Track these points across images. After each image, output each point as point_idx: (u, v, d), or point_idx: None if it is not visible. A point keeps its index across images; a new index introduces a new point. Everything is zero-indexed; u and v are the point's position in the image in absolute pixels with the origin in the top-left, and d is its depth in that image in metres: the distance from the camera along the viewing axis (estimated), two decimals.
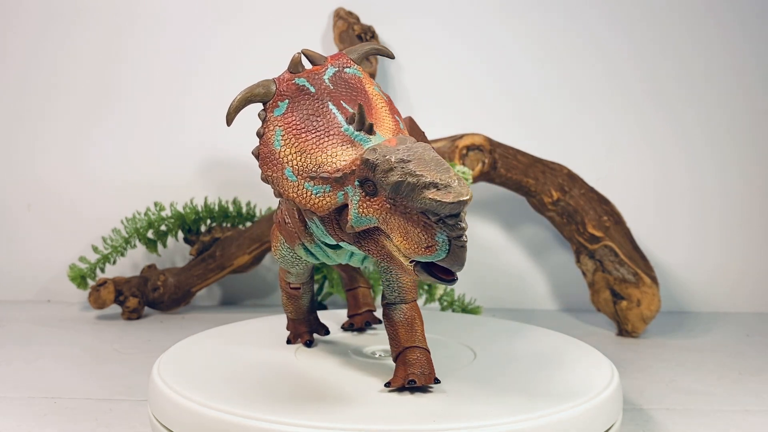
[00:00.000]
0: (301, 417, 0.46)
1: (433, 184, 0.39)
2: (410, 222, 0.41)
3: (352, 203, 0.43)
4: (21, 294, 1.04)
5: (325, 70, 0.50)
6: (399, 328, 0.53)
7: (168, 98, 1.03)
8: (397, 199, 0.41)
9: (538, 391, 0.51)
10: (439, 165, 0.41)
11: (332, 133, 0.46)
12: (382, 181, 0.41)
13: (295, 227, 0.52)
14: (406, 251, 0.41)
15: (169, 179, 1.02)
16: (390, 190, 0.41)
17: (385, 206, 0.42)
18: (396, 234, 0.41)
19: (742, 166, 1.05)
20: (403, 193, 0.40)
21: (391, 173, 0.41)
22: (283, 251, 0.56)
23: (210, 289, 1.05)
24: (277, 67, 1.05)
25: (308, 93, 0.48)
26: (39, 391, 0.66)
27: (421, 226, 0.40)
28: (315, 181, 0.45)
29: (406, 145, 0.42)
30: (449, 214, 0.39)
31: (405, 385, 0.50)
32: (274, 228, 0.57)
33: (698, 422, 0.62)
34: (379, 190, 0.42)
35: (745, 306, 1.05)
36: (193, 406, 0.48)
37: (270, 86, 0.48)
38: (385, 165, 0.41)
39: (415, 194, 0.40)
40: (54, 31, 1.03)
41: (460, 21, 1.04)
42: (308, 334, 0.63)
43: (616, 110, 1.04)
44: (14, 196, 1.04)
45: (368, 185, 0.42)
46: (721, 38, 1.04)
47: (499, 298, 1.04)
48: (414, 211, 0.40)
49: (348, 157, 0.44)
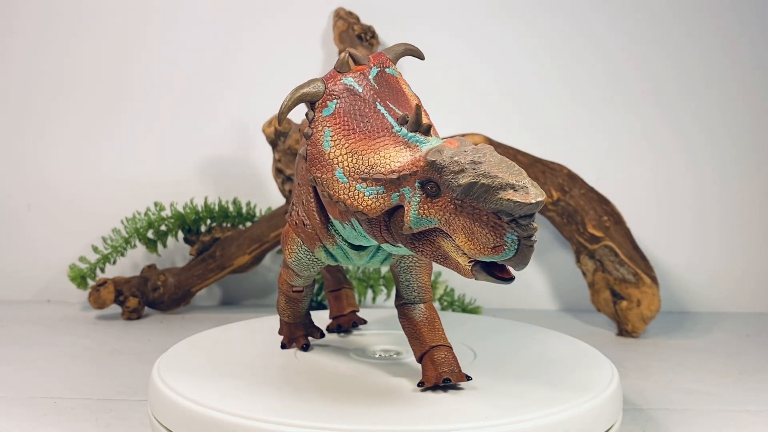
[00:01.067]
0: (302, 417, 0.46)
1: (509, 186, 0.39)
2: (478, 223, 0.40)
3: (410, 205, 0.43)
4: (21, 294, 1.04)
5: (369, 70, 0.49)
6: (422, 327, 0.53)
7: (168, 98, 1.03)
8: (466, 200, 0.41)
9: (538, 391, 0.51)
10: (510, 167, 0.41)
11: (383, 134, 0.46)
12: (451, 182, 0.41)
13: (316, 229, 0.51)
14: (470, 251, 0.41)
15: (169, 179, 1.03)
16: (460, 192, 0.41)
17: (449, 207, 0.41)
18: (460, 235, 0.41)
19: (743, 167, 1.05)
20: (474, 195, 0.40)
21: (462, 175, 0.40)
22: (299, 254, 0.54)
23: (210, 289, 1.05)
24: (277, 67, 1.05)
25: (356, 93, 0.48)
26: (39, 391, 0.66)
27: (490, 226, 0.40)
28: (367, 183, 0.45)
29: (471, 147, 0.42)
30: (524, 215, 0.40)
31: (440, 384, 0.50)
32: (287, 230, 0.55)
33: (698, 422, 0.62)
34: (442, 192, 0.42)
35: (745, 306, 1.05)
36: (193, 406, 0.48)
37: (320, 86, 0.48)
38: (455, 167, 0.41)
39: (490, 195, 0.40)
40: (56, 32, 1.03)
41: (460, 21, 1.04)
42: (304, 337, 0.62)
43: (616, 110, 1.04)
44: (14, 196, 1.04)
45: (430, 186, 0.42)
46: (722, 39, 1.04)
47: (499, 298, 1.03)
48: (483, 212, 0.40)
49: (402, 159, 0.44)
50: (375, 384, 0.53)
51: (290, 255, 0.55)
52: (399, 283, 0.54)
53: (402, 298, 0.55)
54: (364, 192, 0.45)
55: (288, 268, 0.57)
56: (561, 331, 0.70)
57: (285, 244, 0.55)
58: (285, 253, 0.56)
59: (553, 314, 1.02)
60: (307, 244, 0.53)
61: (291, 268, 0.56)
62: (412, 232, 0.43)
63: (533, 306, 1.05)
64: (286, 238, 0.55)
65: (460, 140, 0.43)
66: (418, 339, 0.53)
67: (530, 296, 1.05)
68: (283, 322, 0.62)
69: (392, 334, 0.67)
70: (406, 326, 0.54)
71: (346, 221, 0.48)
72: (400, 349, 0.62)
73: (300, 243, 0.54)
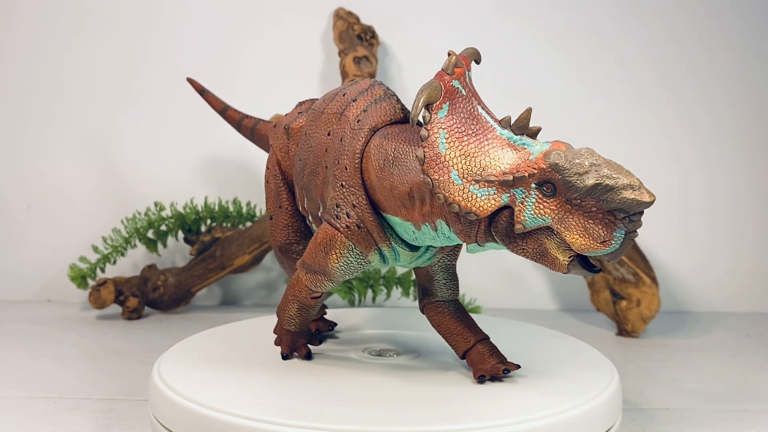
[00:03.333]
0: (302, 418, 0.46)
1: (629, 186, 0.43)
2: (591, 220, 0.44)
3: (524, 205, 0.45)
4: (21, 294, 1.04)
5: (466, 72, 0.50)
6: (462, 322, 0.56)
7: (168, 98, 1.03)
8: (585, 199, 0.44)
9: (538, 391, 0.51)
10: (621, 168, 0.44)
11: (489, 136, 0.48)
12: (575, 183, 0.44)
13: (372, 232, 0.52)
14: (580, 246, 0.44)
15: (169, 179, 1.03)
16: (584, 192, 0.44)
17: (565, 206, 0.44)
18: (573, 231, 0.44)
19: (743, 166, 1.05)
20: (596, 194, 0.43)
21: (587, 176, 0.43)
22: (350, 258, 0.53)
23: (210, 289, 1.05)
24: (277, 67, 1.05)
25: (461, 95, 0.49)
26: (39, 391, 0.66)
27: (604, 223, 0.43)
28: (480, 184, 0.46)
29: (583, 150, 0.45)
30: (637, 212, 0.43)
31: (500, 374, 0.53)
32: (331, 235, 0.53)
33: (698, 422, 0.62)
34: (559, 192, 0.44)
35: (745, 306, 1.05)
36: (193, 406, 0.48)
37: (440, 88, 0.48)
38: (579, 168, 0.44)
39: (613, 195, 0.43)
40: (57, 32, 1.03)
41: (460, 21, 1.04)
42: (305, 346, 0.59)
43: (617, 110, 1.04)
44: (14, 196, 1.04)
45: (547, 187, 0.45)
46: (734, 40, 1.04)
47: (499, 298, 1.03)
48: (599, 210, 0.44)
49: (510, 161, 0.46)
50: (375, 384, 0.53)
51: (338, 260, 0.53)
52: (434, 282, 0.56)
53: (436, 296, 0.56)
54: (477, 194, 0.46)
55: (317, 273, 0.55)
56: (561, 331, 0.70)
57: (329, 249, 0.53)
58: (329, 258, 0.53)
59: (552, 314, 1.02)
60: (361, 247, 0.53)
61: (330, 273, 0.54)
62: (524, 231, 0.46)
63: (533, 306, 1.05)
64: (331, 243, 0.53)
65: (566, 144, 0.46)
66: (462, 334, 0.55)
67: (530, 296, 1.05)
68: (286, 331, 0.59)
69: (392, 334, 0.67)
70: (442, 323, 0.56)
71: (427, 222, 0.50)
72: (399, 349, 0.62)
73: (352, 247, 0.53)
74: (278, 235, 0.63)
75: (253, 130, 0.72)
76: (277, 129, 0.65)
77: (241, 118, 0.74)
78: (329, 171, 0.55)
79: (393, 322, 0.71)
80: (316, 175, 0.56)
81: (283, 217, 0.63)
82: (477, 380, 0.53)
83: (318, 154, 0.56)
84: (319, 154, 0.56)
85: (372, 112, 0.54)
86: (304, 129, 0.60)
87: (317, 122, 0.58)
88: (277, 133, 0.64)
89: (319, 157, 0.56)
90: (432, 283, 0.56)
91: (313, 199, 0.57)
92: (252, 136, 0.73)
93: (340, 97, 0.57)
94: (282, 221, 0.63)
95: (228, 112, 0.76)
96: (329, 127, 0.56)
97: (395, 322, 0.71)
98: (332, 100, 0.58)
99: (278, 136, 0.64)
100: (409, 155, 0.50)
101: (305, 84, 1.02)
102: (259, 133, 0.72)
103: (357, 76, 0.94)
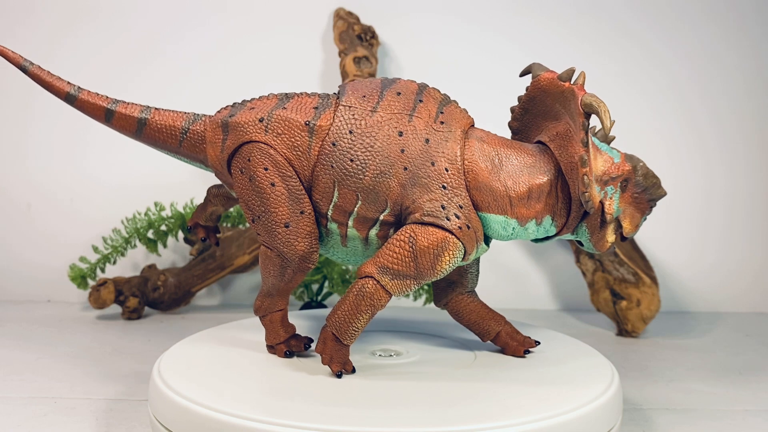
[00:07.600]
0: (302, 418, 0.46)
1: (660, 183, 0.55)
2: (637, 208, 0.55)
3: (613, 200, 0.54)
4: (21, 294, 1.04)
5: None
6: (488, 308, 0.62)
7: (167, 97, 1.03)
8: (641, 193, 0.55)
9: (538, 392, 0.51)
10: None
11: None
12: (644, 182, 0.55)
13: (477, 231, 0.55)
14: (628, 231, 0.55)
15: (169, 179, 1.02)
16: (644, 188, 0.55)
17: (629, 199, 0.55)
18: (628, 219, 0.55)
19: (744, 166, 1.05)
20: (648, 189, 0.55)
21: (648, 175, 0.55)
22: (458, 258, 0.54)
23: (210, 289, 1.05)
24: (277, 67, 1.05)
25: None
26: (39, 391, 0.66)
27: (641, 210, 0.55)
28: (599, 184, 0.54)
29: (629, 154, 0.55)
30: (658, 200, 0.55)
31: (534, 345, 0.61)
32: (443, 238, 0.53)
33: (698, 422, 0.62)
34: (628, 188, 0.55)
35: (745, 306, 1.05)
36: (193, 406, 0.48)
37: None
38: (644, 170, 0.55)
39: (657, 190, 0.55)
40: (57, 32, 1.03)
41: (460, 21, 1.04)
42: (350, 360, 0.57)
43: (618, 110, 1.04)
44: (14, 196, 1.04)
45: (624, 184, 0.55)
46: (732, 39, 1.04)
47: (499, 298, 1.03)
48: (643, 200, 0.55)
49: (602, 164, 0.54)
50: (375, 384, 0.53)
51: (449, 261, 0.54)
52: (467, 274, 0.61)
53: (466, 288, 0.61)
54: (599, 193, 0.54)
55: (408, 278, 0.53)
56: (561, 331, 0.70)
57: (442, 251, 0.53)
58: (441, 260, 0.53)
59: (552, 314, 1.02)
60: (469, 246, 0.55)
61: (434, 275, 0.54)
62: (612, 220, 0.55)
63: (533, 306, 1.05)
64: (444, 245, 0.53)
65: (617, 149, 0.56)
66: (493, 319, 0.62)
67: (530, 296, 1.05)
68: (341, 346, 0.55)
69: (392, 334, 0.67)
70: (474, 310, 0.61)
71: (535, 219, 0.55)
72: (400, 349, 0.62)
73: (461, 247, 0.54)
74: (300, 245, 0.56)
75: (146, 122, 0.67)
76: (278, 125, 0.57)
77: (112, 103, 0.69)
78: (414, 173, 0.54)
79: (394, 322, 0.71)
80: (389, 177, 0.54)
81: (305, 224, 0.56)
82: (524, 355, 0.61)
83: (389, 156, 0.54)
84: (392, 156, 0.54)
85: (450, 114, 0.57)
86: (343, 127, 0.56)
87: (369, 121, 0.55)
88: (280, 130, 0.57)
89: (392, 159, 0.54)
90: (465, 276, 0.60)
91: (378, 202, 0.55)
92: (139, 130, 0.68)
93: (394, 96, 0.56)
94: (304, 228, 0.56)
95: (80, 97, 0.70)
96: (399, 127, 0.55)
97: (395, 322, 0.71)
98: (382, 99, 0.56)
99: (278, 133, 0.57)
100: (512, 158, 0.56)
101: (305, 84, 1.02)
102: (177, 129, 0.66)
103: (357, 76, 0.94)
